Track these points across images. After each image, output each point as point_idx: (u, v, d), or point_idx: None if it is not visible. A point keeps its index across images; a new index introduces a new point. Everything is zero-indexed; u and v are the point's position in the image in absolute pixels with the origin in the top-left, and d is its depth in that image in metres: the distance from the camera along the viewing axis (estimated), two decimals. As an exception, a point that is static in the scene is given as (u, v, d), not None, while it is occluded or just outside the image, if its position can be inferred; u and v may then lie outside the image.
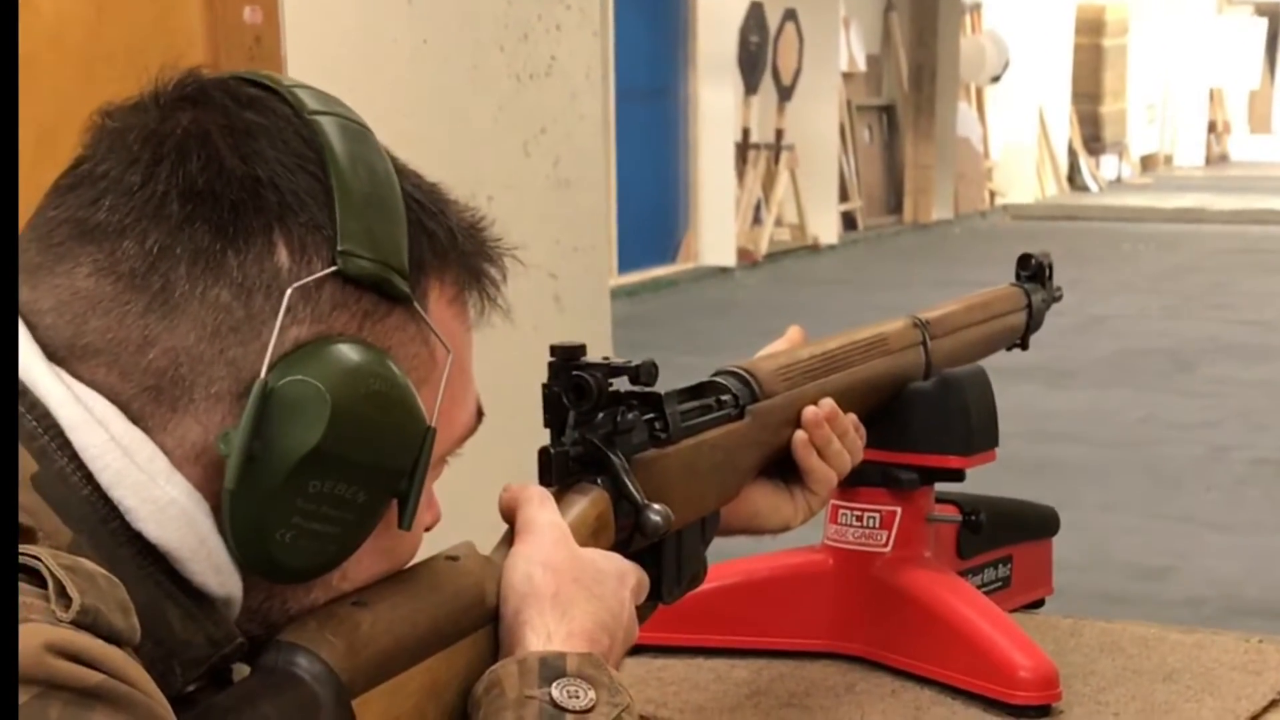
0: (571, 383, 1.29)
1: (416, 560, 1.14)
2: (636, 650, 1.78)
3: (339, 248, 1.02)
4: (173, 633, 0.96)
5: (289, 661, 1.01)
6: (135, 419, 0.99)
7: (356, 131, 1.07)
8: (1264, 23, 25.98)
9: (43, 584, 0.86)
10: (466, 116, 3.61)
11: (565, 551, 1.18)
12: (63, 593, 0.86)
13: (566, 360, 1.30)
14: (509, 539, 1.21)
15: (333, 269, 1.01)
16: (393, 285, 1.04)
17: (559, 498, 1.27)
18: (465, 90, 3.61)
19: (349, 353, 1.01)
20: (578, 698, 1.07)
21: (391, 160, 1.09)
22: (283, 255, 1.01)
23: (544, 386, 1.31)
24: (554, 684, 1.07)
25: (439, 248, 1.09)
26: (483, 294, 1.14)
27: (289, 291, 1.00)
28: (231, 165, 1.01)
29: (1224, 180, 23.03)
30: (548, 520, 1.20)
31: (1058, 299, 1.93)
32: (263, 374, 0.98)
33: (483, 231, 1.14)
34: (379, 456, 1.02)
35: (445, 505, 1.20)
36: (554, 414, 1.31)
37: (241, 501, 0.98)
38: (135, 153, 1.01)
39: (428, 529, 1.15)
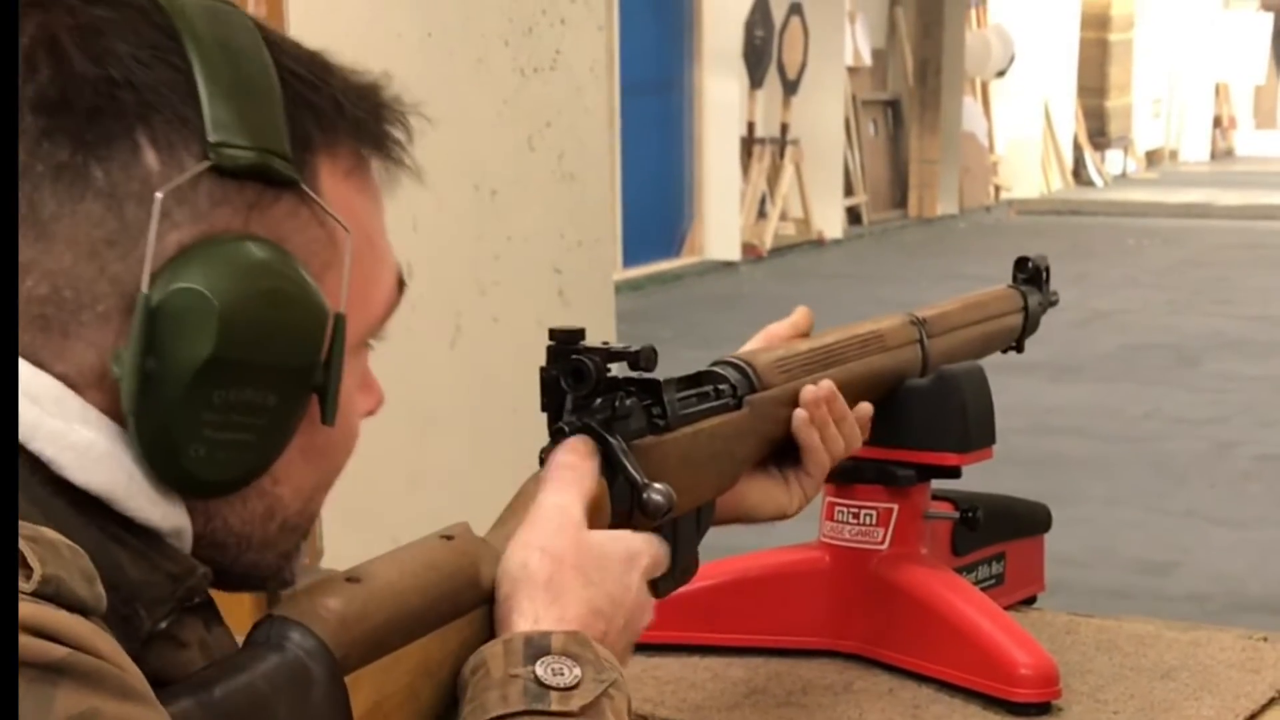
0: (570, 366, 1.28)
1: (413, 540, 1.14)
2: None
3: (210, 140, 0.96)
4: (127, 577, 0.94)
5: (281, 635, 1.01)
6: (28, 354, 0.94)
7: (220, 11, 1.00)
8: (1270, 18, 25.93)
9: None
10: (471, 110, 3.61)
11: (567, 537, 1.17)
12: (24, 563, 0.84)
13: (565, 344, 1.30)
14: (505, 519, 1.21)
15: (205, 164, 0.96)
16: (275, 171, 0.98)
17: None
18: (470, 84, 3.61)
19: (235, 251, 0.96)
20: (562, 675, 1.06)
21: (265, 35, 1.02)
22: (150, 157, 0.95)
23: (542, 370, 1.30)
24: (538, 662, 1.06)
25: (325, 120, 1.03)
26: (386, 158, 1.08)
27: (159, 195, 0.94)
28: (82, 69, 0.95)
29: (1229, 175, 22.99)
30: (554, 504, 1.20)
31: (1054, 303, 1.93)
32: (144, 287, 0.94)
33: (378, 94, 1.08)
34: (283, 356, 0.98)
35: (444, 490, 1.19)
36: (551, 398, 1.30)
37: (146, 422, 0.94)
38: None
39: (370, 414, 1.13)
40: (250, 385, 0.96)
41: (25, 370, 0.94)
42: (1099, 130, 22.19)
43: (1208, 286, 12.74)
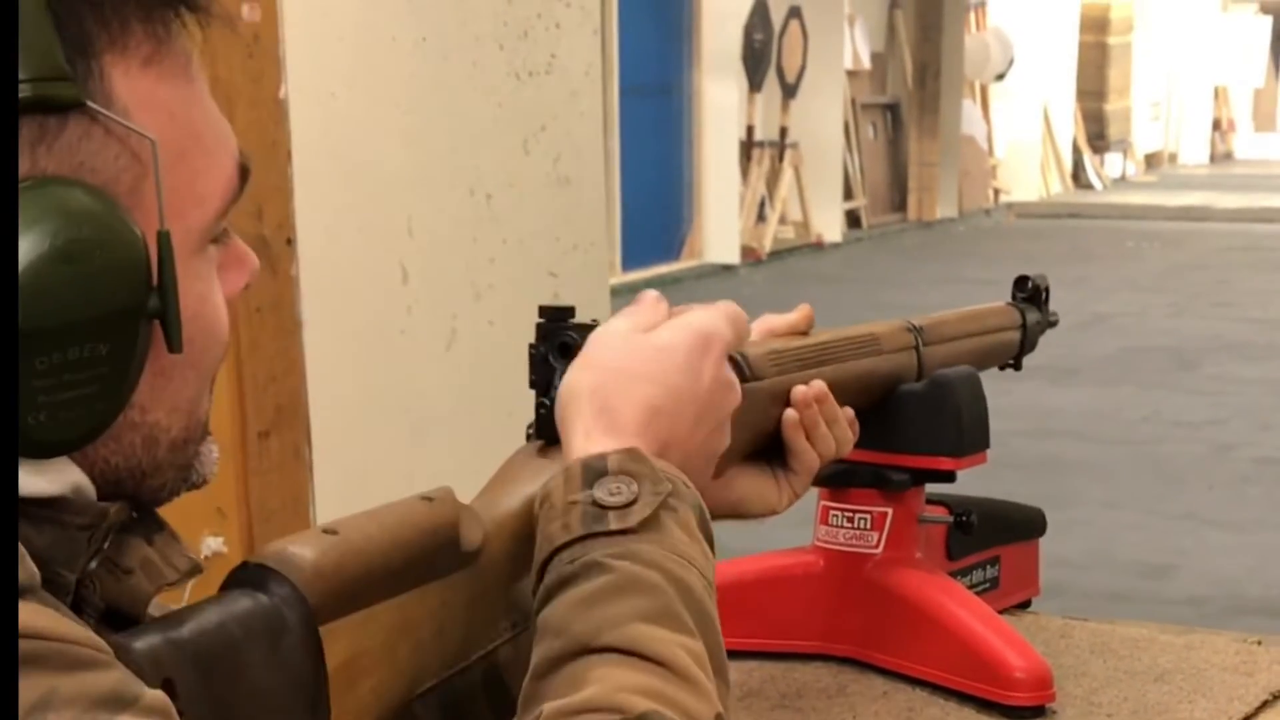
0: (558, 342, 1.27)
1: (393, 500, 1.12)
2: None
3: None
4: (35, 546, 0.91)
5: (256, 582, 1.00)
6: None
7: None
8: (1269, 21, 25.95)
9: None
10: (466, 114, 3.60)
11: (615, 344, 1.17)
12: None
13: (554, 320, 1.29)
14: (491, 486, 1.20)
15: None
16: (53, 97, 0.89)
17: (543, 453, 1.26)
18: (465, 88, 3.61)
19: (23, 210, 0.88)
20: (619, 494, 1.07)
21: None
22: None
23: (531, 347, 1.29)
24: (596, 484, 1.07)
25: (103, 14, 0.93)
26: (189, 13, 0.98)
27: None
28: None
29: (1228, 178, 23.02)
30: (607, 328, 1.20)
31: (1054, 324, 1.92)
32: None
33: None
34: (102, 305, 0.91)
35: (438, 485, 1.18)
36: (540, 374, 1.29)
37: None
38: None
39: (248, 284, 1.07)
40: (74, 343, 0.91)
41: None
42: (1098, 133, 22.21)
43: (1207, 289, 12.75)
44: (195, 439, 1.04)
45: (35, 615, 0.85)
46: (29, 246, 0.88)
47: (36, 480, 0.93)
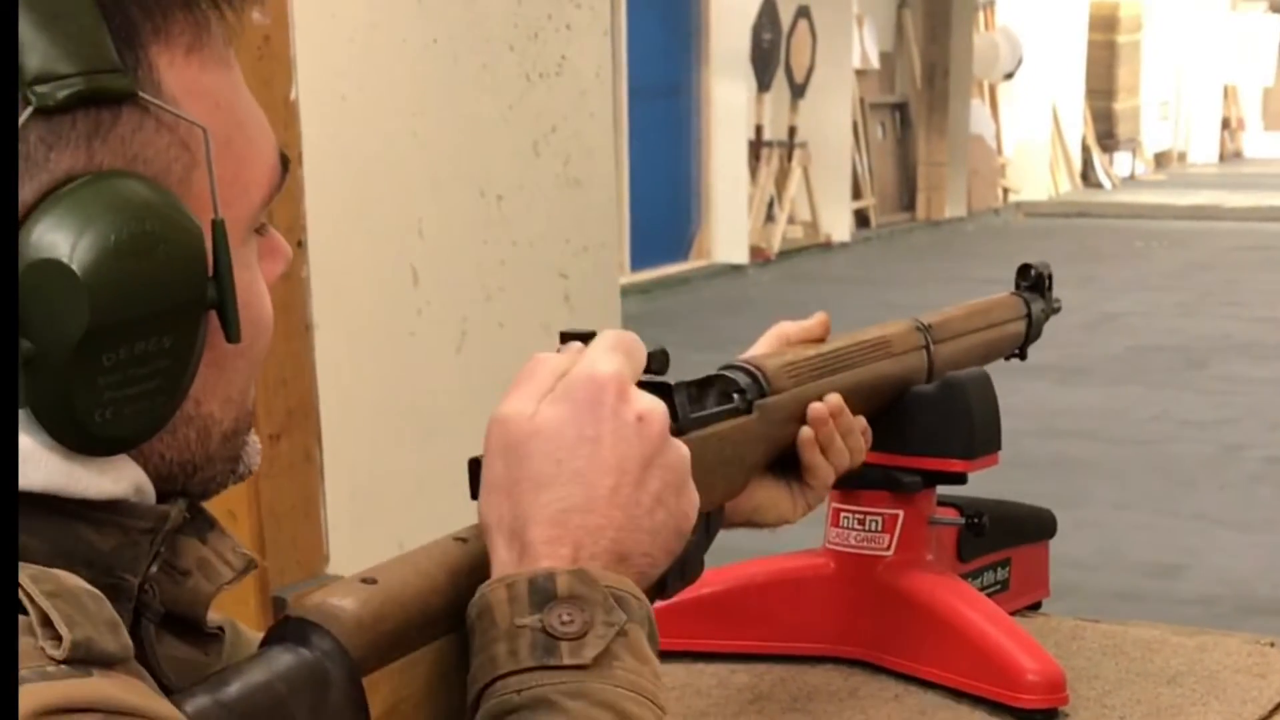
0: None
1: (428, 542, 1.11)
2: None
3: (26, 81, 0.87)
4: (99, 551, 0.92)
5: (299, 637, 1.00)
6: None
7: None
8: (1278, 20, 25.90)
9: (24, 612, 0.83)
10: (476, 116, 3.61)
11: (499, 451, 1.08)
12: (46, 622, 0.82)
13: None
14: None
15: (29, 110, 0.87)
16: (106, 89, 0.89)
17: None
18: (475, 89, 3.61)
19: (86, 202, 0.88)
20: (572, 623, 1.00)
21: None
22: None
23: None
24: (545, 609, 1.00)
25: (145, 4, 0.92)
26: (227, 6, 0.97)
27: None
28: None
29: (1238, 177, 22.98)
30: (492, 426, 1.10)
31: (1057, 310, 1.93)
32: None
33: None
34: (167, 298, 0.91)
35: (445, 490, 1.17)
36: None
37: (42, 406, 0.89)
38: None
39: (281, 273, 1.07)
40: (140, 338, 0.90)
41: None
42: (1107, 132, 22.19)
43: (1216, 289, 12.73)
44: (244, 429, 1.04)
45: (128, 688, 0.84)
46: (92, 242, 0.87)
47: (101, 481, 0.92)
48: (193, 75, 0.94)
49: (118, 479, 0.94)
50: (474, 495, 1.11)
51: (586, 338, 1.25)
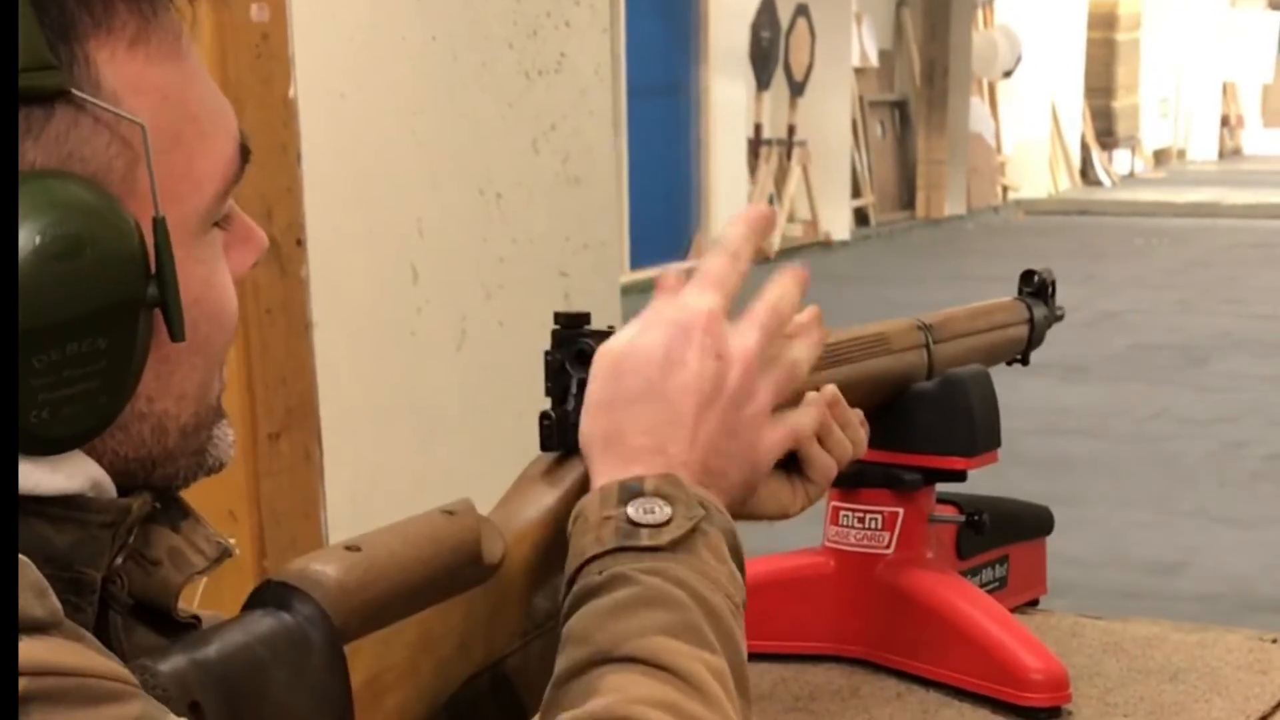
0: (575, 349, 1.27)
1: (413, 515, 1.12)
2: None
3: None
4: (56, 547, 0.91)
5: (281, 601, 0.99)
6: None
7: None
8: (1277, 16, 25.90)
9: None
10: (475, 113, 3.60)
11: (604, 374, 1.17)
12: None
13: (570, 327, 1.28)
14: (508, 499, 1.19)
15: None
16: (38, 87, 0.87)
17: (561, 462, 1.25)
18: (474, 87, 3.61)
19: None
20: (653, 513, 1.08)
21: None
22: None
23: (546, 354, 1.28)
24: (630, 504, 1.08)
25: None
26: None
27: None
28: None
29: (1237, 174, 22.99)
30: (602, 351, 1.19)
31: (1060, 318, 1.92)
32: None
33: None
34: (97, 298, 0.89)
35: (445, 488, 1.18)
36: (556, 382, 1.28)
37: None
38: None
39: (257, 260, 1.05)
40: (71, 340, 0.88)
41: None
42: (1106, 130, 22.19)
43: (1216, 286, 12.73)
44: (206, 424, 1.02)
45: (56, 650, 0.83)
46: (24, 245, 0.86)
47: (53, 477, 0.91)
48: (136, 69, 0.92)
49: (71, 475, 0.92)
50: (544, 447, 1.21)
51: (583, 319, 1.25)
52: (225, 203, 0.99)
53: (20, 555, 0.84)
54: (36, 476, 0.91)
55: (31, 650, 0.82)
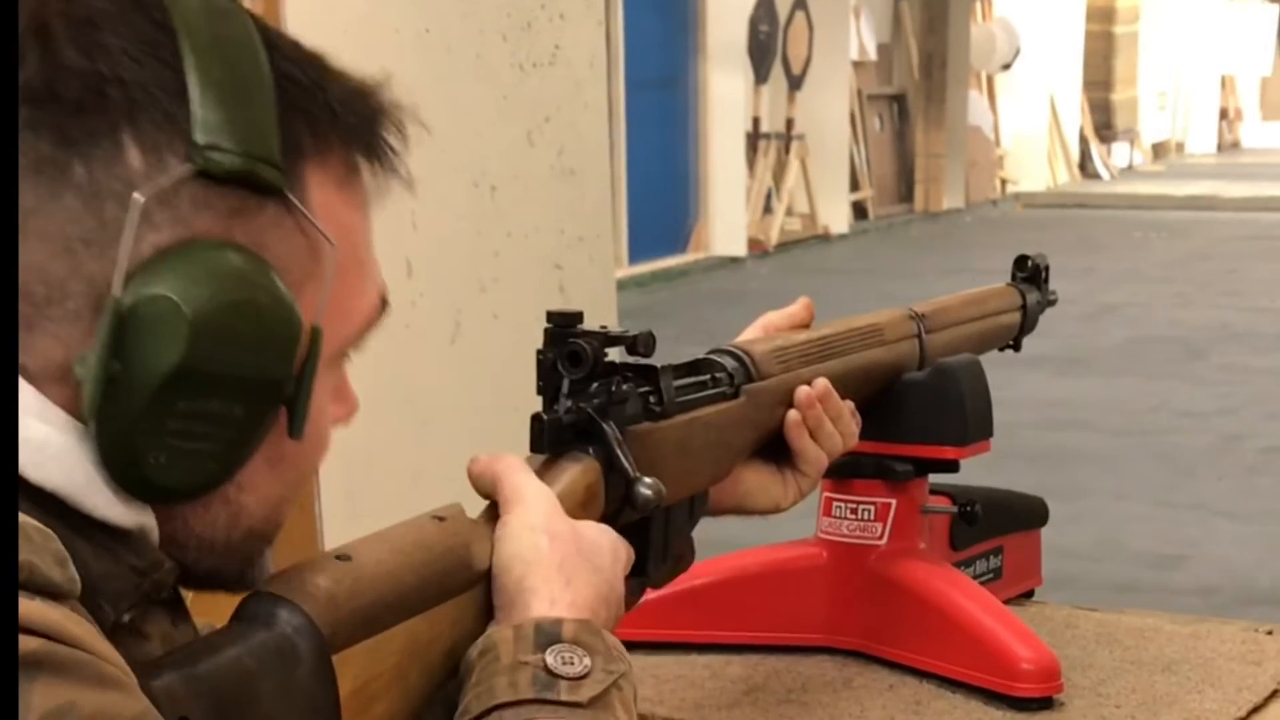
0: (567, 350, 1.27)
1: (405, 519, 1.12)
2: (629, 647, 1.76)
3: (197, 143, 0.93)
4: (89, 570, 0.91)
5: (269, 612, 1.00)
6: None
7: (219, 9, 0.98)
8: (1275, 9, 25.90)
9: None
10: (469, 106, 3.59)
11: (564, 520, 1.17)
12: None
13: (563, 327, 1.28)
14: (494, 509, 1.19)
15: (189, 168, 0.93)
16: (262, 178, 0.96)
17: (550, 465, 1.25)
18: (468, 79, 3.60)
19: (211, 260, 0.94)
20: (572, 664, 1.05)
21: (264, 35, 1.00)
22: (133, 157, 0.93)
23: (539, 353, 1.28)
24: (549, 650, 1.06)
25: (318, 128, 1.01)
26: (379, 165, 1.06)
27: (138, 197, 0.92)
28: (71, 61, 0.92)
29: (1236, 167, 22.98)
30: (539, 488, 1.19)
31: (1053, 302, 1.92)
32: (115, 290, 0.91)
33: (374, 98, 1.06)
34: (253, 368, 0.96)
35: (442, 493, 1.18)
36: (548, 382, 1.28)
37: (106, 425, 0.92)
38: None
39: (343, 422, 1.11)
40: (217, 396, 0.94)
41: None
42: (1105, 123, 22.19)
43: (1215, 279, 12.72)
44: (267, 539, 1.05)
45: (72, 620, 0.84)
46: (207, 293, 0.93)
47: (115, 509, 0.94)
48: (334, 203, 1.02)
49: (128, 514, 0.95)
50: (534, 448, 1.24)
51: (575, 318, 1.25)
52: (358, 344, 1.08)
53: (43, 527, 0.86)
54: (100, 500, 0.94)
55: (47, 613, 0.82)
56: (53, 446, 0.92)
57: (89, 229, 0.93)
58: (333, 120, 1.02)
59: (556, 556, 1.13)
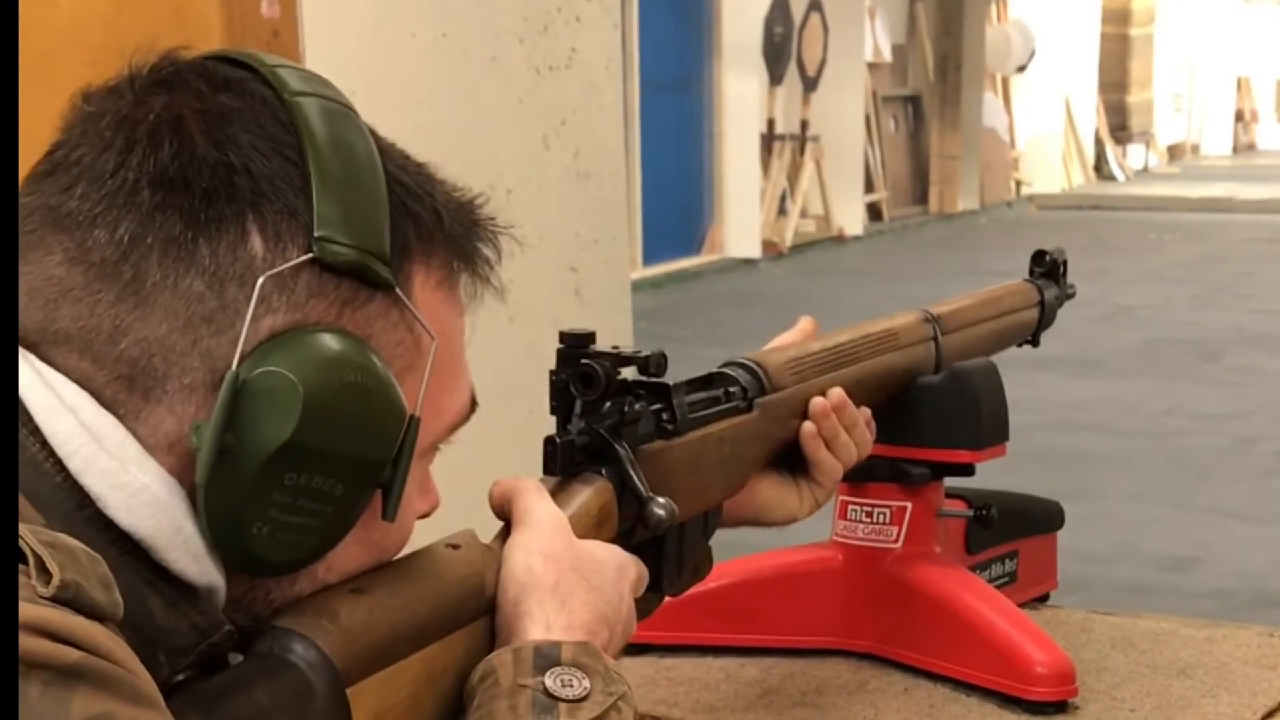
0: (579, 371, 1.27)
1: (417, 546, 1.13)
2: (644, 649, 1.77)
3: (315, 234, 1.00)
4: (154, 621, 0.95)
5: (284, 647, 1.00)
6: (108, 406, 0.97)
7: (338, 113, 1.05)
8: (1292, 11, 25.86)
9: (23, 560, 0.85)
10: (486, 109, 3.60)
11: (564, 541, 1.18)
12: (43, 568, 0.84)
13: (575, 348, 1.29)
14: (507, 530, 1.20)
15: (308, 256, 0.99)
16: (372, 271, 1.02)
17: (563, 487, 1.26)
18: (485, 83, 3.60)
19: (325, 342, 0.99)
20: (571, 686, 1.06)
21: (377, 141, 1.07)
22: (256, 243, 0.99)
23: (551, 374, 1.29)
24: (548, 673, 1.06)
25: (424, 231, 1.07)
26: (475, 275, 1.12)
27: (261, 280, 0.98)
28: (204, 151, 0.99)
29: (1251, 169, 22.94)
30: (545, 510, 1.19)
31: (1071, 296, 1.92)
32: (234, 365, 0.97)
33: (474, 211, 1.12)
34: (357, 449, 1.00)
35: (453, 497, 1.19)
36: (561, 402, 1.29)
37: (215, 494, 0.97)
38: (108, 139, 1.00)
39: (424, 516, 1.14)
40: (322, 472, 0.99)
41: (89, 407, 0.96)
42: (1120, 125, 22.16)
43: (1230, 281, 12.71)
44: None
45: (115, 641, 0.86)
46: (321, 374, 0.98)
47: (193, 565, 0.98)
48: (435, 303, 1.08)
49: (203, 572, 0.99)
50: (546, 471, 1.26)
51: (587, 339, 1.26)
52: (447, 440, 1.13)
53: (92, 552, 0.88)
54: (184, 557, 0.97)
55: (93, 631, 0.84)
56: (147, 494, 0.96)
57: (210, 308, 0.98)
58: (438, 224, 1.08)
59: (551, 578, 1.14)
